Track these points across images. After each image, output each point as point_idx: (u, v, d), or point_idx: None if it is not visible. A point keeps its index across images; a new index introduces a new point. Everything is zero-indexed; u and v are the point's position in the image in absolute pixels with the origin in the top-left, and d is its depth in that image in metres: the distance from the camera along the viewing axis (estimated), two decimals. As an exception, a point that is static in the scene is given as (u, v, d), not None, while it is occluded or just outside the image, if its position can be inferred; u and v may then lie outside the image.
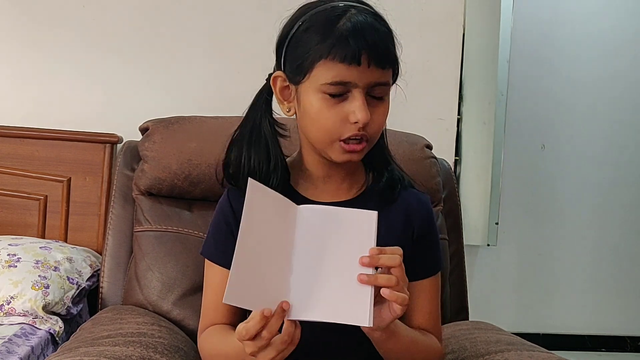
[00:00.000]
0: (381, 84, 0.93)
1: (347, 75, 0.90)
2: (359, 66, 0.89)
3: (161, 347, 1.12)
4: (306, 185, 1.04)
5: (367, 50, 0.89)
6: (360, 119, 0.91)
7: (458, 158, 2.42)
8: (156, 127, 1.56)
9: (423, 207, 1.07)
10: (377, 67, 0.90)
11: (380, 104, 0.94)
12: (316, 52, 0.90)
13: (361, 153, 0.96)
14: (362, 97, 0.91)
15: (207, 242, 1.08)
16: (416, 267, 1.04)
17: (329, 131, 0.93)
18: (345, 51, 0.88)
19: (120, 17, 2.05)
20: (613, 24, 3.14)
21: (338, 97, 0.92)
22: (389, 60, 0.92)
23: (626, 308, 3.21)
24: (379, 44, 0.90)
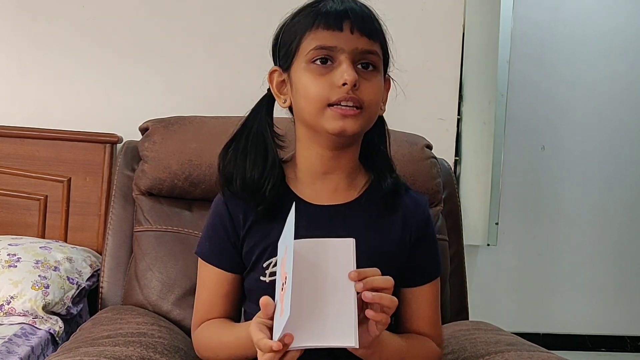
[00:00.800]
0: (368, 52, 0.94)
1: (332, 40, 0.93)
2: (342, 32, 0.93)
3: (161, 347, 1.12)
4: (303, 187, 1.03)
5: (349, 16, 0.93)
6: (347, 79, 0.91)
7: (458, 158, 2.42)
8: (156, 127, 1.56)
9: (421, 210, 1.06)
10: (361, 34, 0.93)
11: (371, 75, 0.95)
12: (302, 29, 0.95)
13: (355, 120, 0.94)
14: (349, 61, 0.93)
15: (201, 242, 1.08)
16: (415, 273, 1.05)
17: (318, 97, 0.93)
18: (328, 18, 0.93)
19: (120, 17, 2.05)
20: (613, 24, 3.14)
21: (325, 66, 0.93)
22: (374, 30, 0.95)
23: (626, 308, 3.21)
24: (361, 13, 0.94)
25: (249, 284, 1.04)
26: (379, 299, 0.82)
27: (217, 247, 1.05)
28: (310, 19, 0.95)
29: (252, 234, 1.02)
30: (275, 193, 1.00)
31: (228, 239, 1.04)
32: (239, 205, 1.03)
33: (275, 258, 0.99)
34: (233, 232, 1.03)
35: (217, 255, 1.05)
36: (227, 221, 1.03)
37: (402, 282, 1.04)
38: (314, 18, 0.94)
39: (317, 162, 1.01)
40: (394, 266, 1.01)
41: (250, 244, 1.02)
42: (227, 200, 1.04)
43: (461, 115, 2.39)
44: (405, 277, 1.04)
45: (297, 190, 1.03)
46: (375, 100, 0.96)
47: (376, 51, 0.95)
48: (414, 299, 1.05)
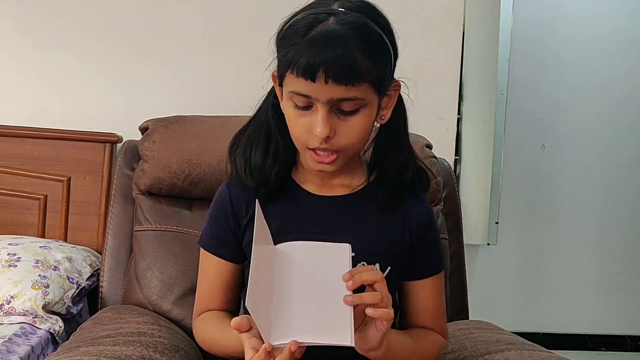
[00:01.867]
0: (346, 99, 0.89)
1: (306, 89, 0.89)
2: (314, 82, 0.87)
3: (161, 346, 1.12)
4: (306, 178, 1.04)
5: (322, 65, 0.85)
6: (318, 133, 0.90)
7: (458, 157, 2.42)
8: (156, 126, 1.56)
9: (422, 208, 1.06)
10: (336, 84, 0.87)
11: (351, 117, 0.91)
12: (285, 62, 0.90)
13: (333, 165, 0.95)
14: (325, 111, 0.89)
15: (204, 232, 1.09)
16: (418, 267, 1.06)
17: (297, 139, 0.95)
18: (301, 66, 0.87)
19: (120, 17, 2.05)
20: (613, 23, 3.14)
21: (305, 109, 0.92)
22: (351, 76, 0.87)
23: (626, 307, 3.21)
24: (338, 60, 0.85)
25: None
26: (359, 299, 0.82)
27: (218, 237, 1.06)
28: (291, 57, 0.88)
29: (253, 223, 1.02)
30: (279, 179, 1.01)
31: (229, 228, 1.05)
32: (242, 195, 1.04)
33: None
34: (234, 221, 1.04)
35: (218, 244, 1.06)
36: (229, 210, 1.04)
37: (405, 276, 1.06)
38: (291, 58, 0.88)
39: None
40: (394, 259, 1.02)
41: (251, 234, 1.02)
42: (230, 189, 1.05)
43: (461, 115, 2.39)
44: (408, 271, 1.05)
45: (300, 181, 1.04)
46: (355, 141, 0.94)
47: (356, 96, 0.89)
48: (418, 293, 1.06)
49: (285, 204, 1.03)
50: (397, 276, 1.04)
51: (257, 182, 1.01)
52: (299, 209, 1.02)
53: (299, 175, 1.05)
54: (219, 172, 1.50)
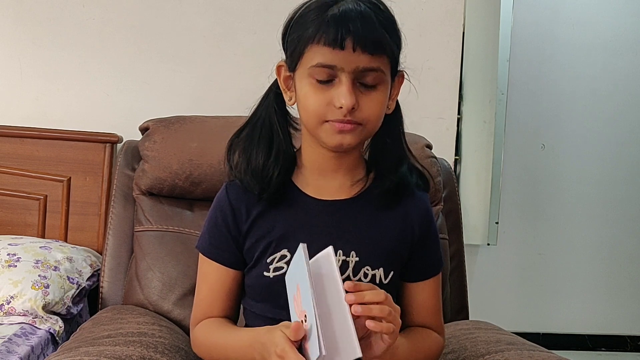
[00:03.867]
0: (371, 69, 0.91)
1: (333, 59, 0.90)
2: (343, 50, 0.89)
3: (162, 346, 1.12)
4: (306, 182, 1.03)
5: (352, 34, 0.88)
6: (344, 103, 0.90)
7: (458, 157, 2.42)
8: (156, 126, 1.56)
9: (422, 208, 1.06)
10: (362, 52, 0.89)
11: (372, 91, 0.93)
12: (306, 37, 0.91)
13: (353, 135, 0.94)
14: (349, 81, 0.90)
15: (202, 237, 1.07)
16: (418, 269, 1.06)
17: (316, 113, 0.93)
18: (330, 34, 0.88)
19: (121, 17, 2.05)
20: (613, 22, 3.14)
21: (325, 82, 0.92)
22: (377, 46, 0.90)
23: (626, 307, 3.21)
24: (364, 29, 0.88)
25: (250, 280, 1.03)
26: (368, 311, 0.82)
27: (218, 242, 1.04)
28: (315, 27, 0.90)
29: (255, 229, 1.02)
30: (280, 181, 1.00)
31: (229, 234, 1.03)
32: (242, 199, 1.03)
33: (279, 253, 0.99)
34: (235, 226, 1.03)
35: (218, 250, 1.04)
36: (229, 215, 1.03)
37: (405, 277, 1.05)
38: (317, 28, 0.90)
39: (320, 161, 1.01)
40: (397, 261, 1.02)
41: (253, 239, 1.02)
42: (229, 193, 1.04)
43: (461, 115, 2.39)
44: (408, 273, 1.05)
45: (301, 185, 1.03)
46: (376, 116, 0.94)
47: (379, 67, 0.92)
48: (417, 293, 1.06)
49: (287, 209, 1.02)
50: (398, 277, 1.04)
51: (260, 186, 1.00)
52: (301, 214, 1.01)
53: (299, 179, 1.04)
54: (220, 172, 1.50)
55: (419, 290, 1.06)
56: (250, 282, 1.03)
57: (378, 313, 0.83)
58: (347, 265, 0.99)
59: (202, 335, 1.04)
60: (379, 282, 1.00)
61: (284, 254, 0.99)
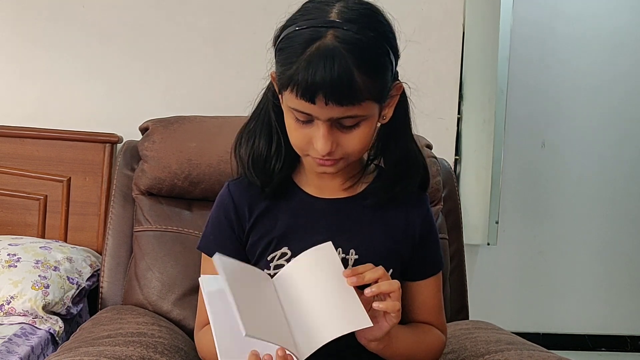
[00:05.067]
0: (346, 117, 0.88)
1: (306, 108, 0.88)
2: (315, 104, 0.86)
3: (161, 347, 1.12)
4: (307, 180, 1.04)
5: (321, 89, 0.84)
6: (320, 150, 0.90)
7: (458, 157, 2.42)
8: (156, 126, 1.56)
9: (423, 207, 1.06)
10: (336, 105, 0.85)
11: (353, 130, 0.91)
12: (285, 79, 0.87)
13: (336, 167, 0.94)
14: (325, 128, 0.88)
15: (205, 236, 1.07)
16: (419, 268, 1.06)
17: (298, 148, 0.95)
18: (301, 89, 0.85)
19: (120, 17, 2.05)
20: (613, 22, 3.14)
21: (304, 123, 0.91)
22: (350, 98, 0.85)
23: (626, 307, 3.21)
24: (337, 82, 0.83)
25: None
26: (377, 289, 0.87)
27: (221, 241, 1.04)
28: (290, 75, 0.86)
29: (257, 227, 1.02)
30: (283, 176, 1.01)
31: (233, 232, 1.03)
32: (245, 197, 1.03)
33: (280, 251, 1.00)
34: (238, 224, 1.03)
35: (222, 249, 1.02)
36: (232, 213, 1.03)
37: (407, 276, 1.06)
38: (290, 77, 0.86)
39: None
40: (397, 260, 1.03)
41: (255, 237, 1.02)
42: (232, 191, 1.04)
43: (461, 114, 2.39)
44: (410, 272, 1.06)
45: (302, 184, 1.04)
46: (358, 149, 0.93)
47: (356, 114, 0.88)
48: (419, 292, 1.07)
49: (288, 207, 1.02)
50: (400, 276, 1.04)
51: (262, 178, 1.00)
52: (301, 212, 1.02)
53: (300, 178, 1.04)
54: (219, 172, 1.50)
55: (420, 289, 1.07)
56: None
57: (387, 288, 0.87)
58: (346, 263, 0.99)
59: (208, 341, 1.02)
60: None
61: (284, 251, 1.00)
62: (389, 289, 0.87)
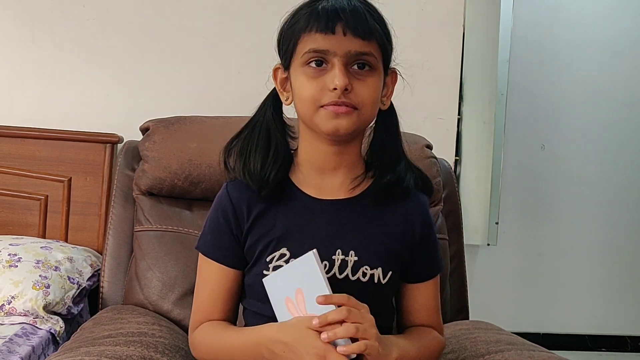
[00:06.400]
0: (362, 53, 0.93)
1: (325, 44, 0.93)
2: (334, 34, 0.92)
3: (162, 346, 1.12)
4: (306, 181, 1.04)
5: (342, 19, 0.92)
6: (337, 84, 0.92)
7: (458, 158, 2.43)
8: (157, 127, 1.57)
9: (422, 210, 1.07)
10: (354, 36, 0.92)
11: (366, 75, 0.95)
12: (298, 29, 0.95)
13: (348, 119, 0.94)
14: (341, 65, 0.93)
15: (203, 236, 1.07)
16: (418, 270, 1.07)
17: (311, 99, 0.95)
18: (320, 21, 0.93)
19: (121, 17, 2.05)
20: (613, 24, 3.14)
21: (319, 69, 0.94)
22: (367, 31, 0.93)
23: (626, 307, 3.21)
24: (354, 15, 0.92)
25: (250, 279, 1.03)
26: (334, 336, 0.86)
27: (220, 242, 1.04)
28: (305, 19, 0.94)
29: (256, 227, 1.02)
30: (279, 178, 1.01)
31: (231, 233, 1.03)
32: (243, 198, 1.03)
33: (278, 252, 1.00)
34: (236, 225, 1.03)
35: (219, 249, 1.04)
36: (231, 214, 1.03)
37: (405, 278, 1.06)
38: (308, 19, 0.94)
39: (319, 158, 1.02)
40: (396, 262, 1.03)
41: (254, 238, 1.02)
42: (230, 192, 1.04)
43: (461, 115, 2.39)
44: (409, 274, 1.06)
45: (301, 185, 1.04)
46: (371, 100, 0.96)
47: (371, 52, 0.94)
48: (418, 294, 1.07)
49: (287, 208, 1.02)
50: (398, 279, 1.05)
51: (258, 185, 1.01)
52: (300, 213, 1.02)
53: (299, 179, 1.04)
54: (219, 172, 1.49)
55: (419, 291, 1.07)
56: (250, 282, 1.04)
57: (343, 334, 0.86)
58: (345, 264, 0.99)
59: (205, 339, 1.03)
60: (377, 281, 1.00)
61: (283, 252, 0.99)
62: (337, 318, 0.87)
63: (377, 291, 1.00)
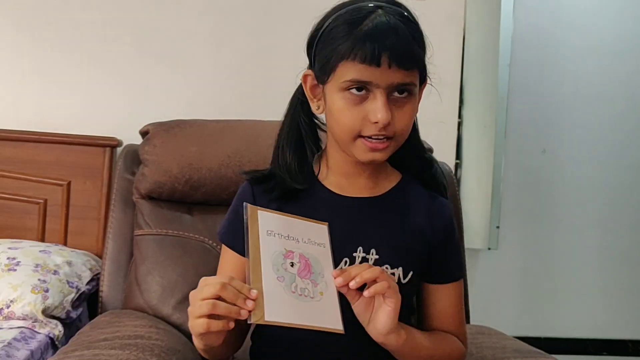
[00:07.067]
0: (405, 84, 0.93)
1: (368, 76, 0.91)
2: (379, 67, 0.89)
3: (158, 349, 1.11)
4: (332, 180, 1.04)
5: (387, 51, 0.89)
6: (380, 119, 0.91)
7: (459, 161, 2.42)
8: (156, 130, 1.56)
9: (445, 212, 1.06)
10: (398, 68, 0.90)
11: (406, 102, 0.94)
12: (339, 52, 0.91)
13: (385, 152, 0.96)
14: (384, 97, 0.91)
15: (223, 226, 1.08)
16: (440, 271, 1.06)
17: (350, 129, 0.94)
18: (365, 52, 0.89)
19: (121, 21, 2.05)
20: (614, 27, 3.14)
21: (360, 96, 0.92)
22: (411, 61, 0.92)
23: (628, 312, 3.21)
24: (399, 45, 0.90)
25: None
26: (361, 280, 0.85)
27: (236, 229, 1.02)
28: (349, 46, 0.90)
29: None
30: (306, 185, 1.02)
31: None
32: (265, 190, 1.04)
33: None
34: None
35: (235, 236, 1.03)
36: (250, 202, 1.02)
37: (427, 278, 1.06)
38: (352, 45, 0.90)
39: (345, 166, 1.03)
40: (417, 262, 1.02)
41: None
42: (253, 185, 1.06)
43: (462, 119, 2.39)
44: (430, 274, 1.06)
45: (324, 181, 1.04)
46: (407, 128, 0.96)
47: (412, 81, 0.94)
48: (438, 298, 1.06)
49: (309, 204, 1.02)
50: (419, 279, 1.04)
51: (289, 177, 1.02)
52: (322, 209, 1.01)
53: (322, 174, 1.05)
54: (220, 176, 1.50)
55: (439, 295, 1.06)
56: None
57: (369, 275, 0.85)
58: (366, 262, 0.99)
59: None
60: (398, 281, 1.00)
61: None
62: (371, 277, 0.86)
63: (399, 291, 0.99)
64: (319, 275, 0.87)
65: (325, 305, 0.85)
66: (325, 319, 0.84)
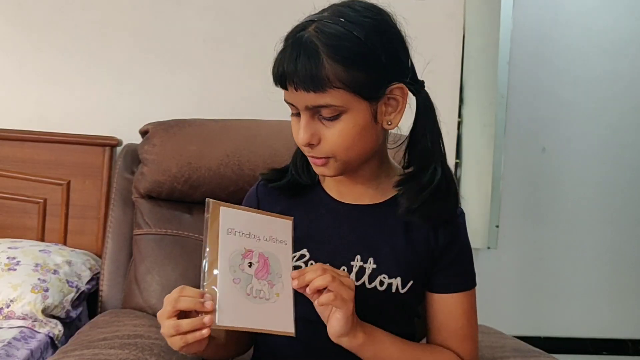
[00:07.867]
0: (320, 106, 0.88)
1: (288, 97, 0.92)
2: (288, 91, 0.89)
3: (157, 348, 1.11)
4: (331, 186, 1.04)
5: (290, 74, 0.87)
6: (298, 139, 0.92)
7: (458, 161, 2.42)
8: (156, 130, 1.56)
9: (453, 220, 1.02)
10: (304, 91, 0.87)
11: (334, 123, 0.89)
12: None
13: (330, 168, 0.93)
14: (306, 117, 0.90)
15: None
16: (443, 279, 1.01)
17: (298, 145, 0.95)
18: (276, 76, 0.90)
19: (120, 20, 2.05)
20: (614, 24, 3.14)
21: (296, 117, 0.93)
22: (318, 83, 0.86)
23: (627, 311, 3.20)
24: (301, 68, 0.85)
25: None
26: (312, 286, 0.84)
27: None
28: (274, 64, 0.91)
29: None
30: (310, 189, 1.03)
31: None
32: (270, 194, 1.05)
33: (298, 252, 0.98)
34: None
35: None
36: (254, 205, 1.05)
37: (430, 287, 1.01)
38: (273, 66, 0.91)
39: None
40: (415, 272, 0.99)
41: None
42: (259, 189, 1.07)
43: (461, 118, 2.39)
44: (433, 282, 1.01)
45: (327, 188, 1.04)
46: (342, 146, 0.90)
47: (329, 103, 0.87)
48: (440, 309, 1.01)
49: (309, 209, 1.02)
50: (422, 287, 1.01)
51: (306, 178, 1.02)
52: (323, 215, 1.01)
53: (324, 181, 1.05)
54: (219, 175, 1.50)
55: (441, 306, 1.00)
56: None
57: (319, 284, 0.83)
58: (363, 271, 0.97)
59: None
60: (396, 290, 0.97)
61: (303, 253, 0.99)
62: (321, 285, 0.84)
63: (395, 300, 0.97)
64: (277, 275, 0.86)
65: (280, 307, 0.85)
66: (277, 322, 0.84)
